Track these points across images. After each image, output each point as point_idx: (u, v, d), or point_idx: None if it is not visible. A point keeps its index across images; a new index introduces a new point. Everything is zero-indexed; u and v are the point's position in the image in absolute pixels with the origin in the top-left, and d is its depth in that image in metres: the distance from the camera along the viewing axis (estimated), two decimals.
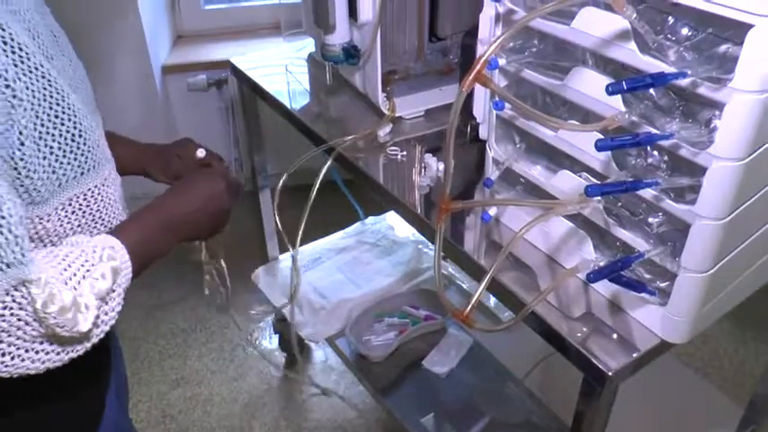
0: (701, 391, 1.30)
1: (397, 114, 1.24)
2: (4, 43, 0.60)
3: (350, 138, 1.17)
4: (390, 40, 1.18)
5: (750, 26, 0.60)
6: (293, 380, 1.83)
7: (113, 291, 0.67)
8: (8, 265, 0.57)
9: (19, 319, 0.58)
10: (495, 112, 0.95)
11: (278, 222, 1.24)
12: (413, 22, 1.21)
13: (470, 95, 1.12)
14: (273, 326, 1.89)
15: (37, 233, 0.68)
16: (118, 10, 1.89)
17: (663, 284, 0.81)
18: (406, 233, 1.82)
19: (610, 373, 0.79)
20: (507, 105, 0.90)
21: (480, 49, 0.97)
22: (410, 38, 1.23)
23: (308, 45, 1.49)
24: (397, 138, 1.22)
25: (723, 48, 0.66)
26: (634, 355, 0.81)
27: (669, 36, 0.69)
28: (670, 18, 0.70)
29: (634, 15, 0.66)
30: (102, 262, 0.66)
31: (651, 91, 0.73)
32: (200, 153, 0.95)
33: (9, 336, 0.58)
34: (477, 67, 0.65)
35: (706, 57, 0.67)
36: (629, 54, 0.72)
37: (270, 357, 1.90)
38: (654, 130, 0.72)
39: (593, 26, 0.75)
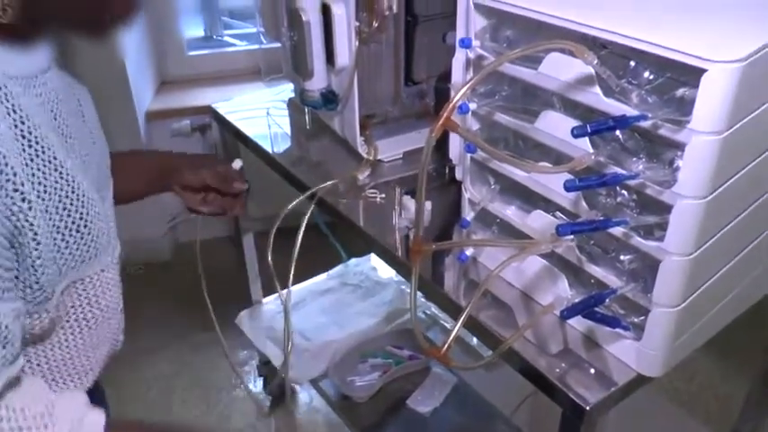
0: (685, 427, 1.31)
1: (375, 158, 1.26)
2: (23, 137, 0.59)
3: (330, 183, 1.19)
4: (367, 85, 1.21)
5: (704, 71, 0.63)
6: (279, 422, 1.81)
7: None
8: None
9: None
10: (468, 154, 0.97)
11: (270, 264, 1.24)
12: (389, 66, 1.24)
13: (446, 138, 1.15)
14: (258, 369, 1.88)
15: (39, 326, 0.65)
16: (103, 56, 1.91)
17: (637, 320, 0.82)
18: (388, 274, 1.83)
19: (587, 407, 0.80)
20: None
21: (452, 94, 1.00)
22: (386, 82, 1.26)
23: (288, 89, 1.52)
24: (376, 180, 1.24)
25: (681, 91, 0.68)
26: (612, 389, 0.82)
27: (631, 80, 0.72)
28: (631, 63, 0.72)
29: (596, 61, 0.69)
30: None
31: (617, 133, 0.75)
32: (237, 164, 1.01)
33: None
34: (446, 114, 0.68)
35: (666, 100, 0.69)
36: (594, 97, 0.74)
37: (255, 400, 1.88)
38: (620, 171, 0.74)
39: (559, 71, 0.77)
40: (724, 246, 0.76)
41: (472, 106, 0.89)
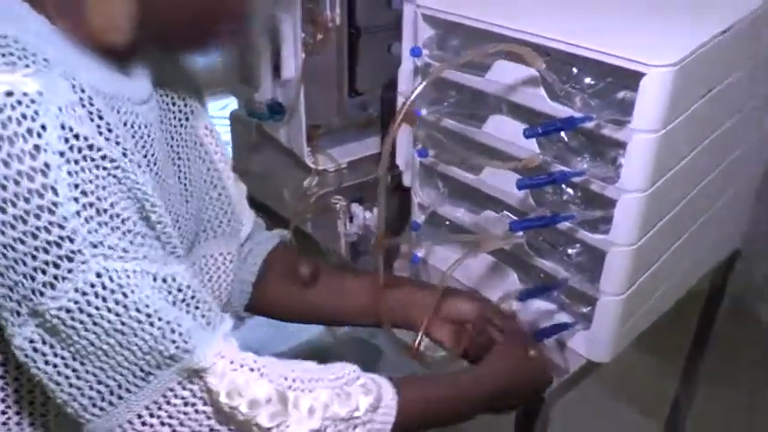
0: (625, 418, 1.39)
1: (321, 167, 1.28)
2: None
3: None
4: (313, 96, 1.23)
5: (642, 75, 0.69)
6: None
7: (354, 427, 0.59)
8: (171, 358, 0.53)
9: (203, 420, 0.54)
10: (418, 159, 1.00)
11: None
12: (333, 78, 1.26)
13: (393, 146, 1.18)
14: None
15: None
16: None
17: (585, 310, 0.88)
18: None
19: (543, 395, 0.84)
20: (431, 152, 0.96)
21: (399, 101, 1.03)
22: (331, 93, 1.28)
23: (230, 103, 1.52)
24: (322, 190, 1.26)
25: (621, 94, 0.74)
26: (564, 376, 0.86)
27: (574, 85, 0.78)
28: (574, 69, 0.78)
29: (544, 66, 0.74)
30: (355, 385, 0.60)
31: (562, 134, 0.80)
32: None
33: None
34: (404, 109, 0.71)
35: (607, 102, 0.75)
36: (540, 101, 0.79)
37: None
38: (567, 169, 0.79)
39: (506, 77, 0.82)
40: (664, 235, 0.83)
41: (423, 112, 0.92)
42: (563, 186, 0.84)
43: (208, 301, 0.57)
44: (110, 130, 0.54)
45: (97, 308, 0.50)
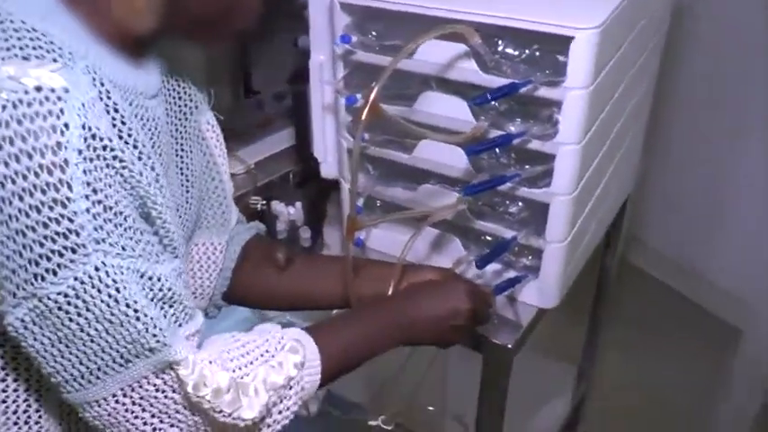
0: (544, 366, 1.53)
1: (231, 171, 1.26)
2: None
3: None
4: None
5: (572, 38, 0.78)
6: None
7: (290, 387, 0.66)
8: (151, 350, 0.57)
9: (170, 405, 0.59)
10: (345, 146, 1.03)
11: None
12: (228, 78, 1.26)
13: (305, 140, 1.20)
14: None
15: None
16: None
17: (530, 262, 0.96)
18: None
19: (510, 345, 0.92)
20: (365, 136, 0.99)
21: (328, 91, 1.06)
22: (227, 94, 1.28)
23: None
24: (237, 192, 1.24)
25: (548, 58, 0.82)
26: (522, 329, 0.94)
27: (503, 56, 0.85)
28: (499, 41, 0.85)
29: (480, 41, 0.80)
30: (282, 351, 0.66)
31: (494, 103, 0.88)
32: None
33: (167, 424, 0.59)
34: (372, 96, 0.74)
35: (535, 68, 0.83)
36: (474, 74, 0.86)
37: None
38: (510, 131, 0.86)
39: (435, 56, 0.88)
40: (592, 181, 0.93)
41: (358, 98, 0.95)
42: (497, 150, 0.92)
43: (184, 302, 0.61)
44: (123, 123, 0.57)
45: (92, 296, 0.54)
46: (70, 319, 0.54)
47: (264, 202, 1.21)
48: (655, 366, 2.05)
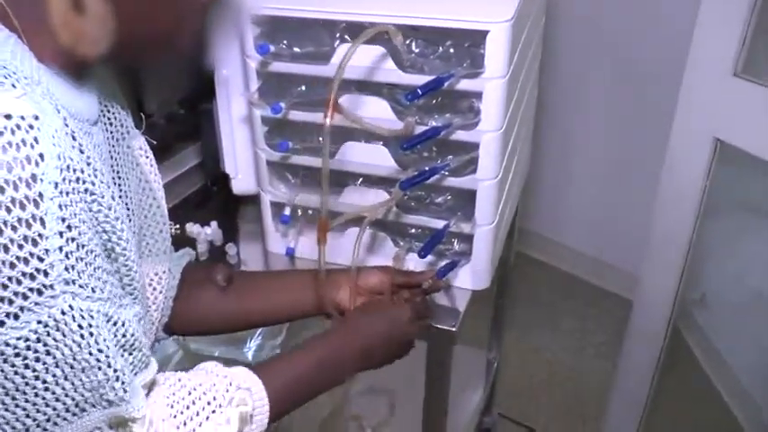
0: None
1: None
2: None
3: None
4: None
5: (487, 32, 0.85)
6: None
7: None
8: (109, 402, 0.54)
9: None
10: (264, 157, 1.05)
11: None
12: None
13: (216, 156, 1.20)
14: None
15: None
16: None
17: (459, 248, 1.03)
18: None
19: (454, 329, 0.97)
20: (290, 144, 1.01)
21: (238, 104, 1.07)
22: None
23: None
24: None
25: (462, 52, 0.90)
26: (461, 314, 1.00)
27: (420, 53, 0.91)
28: (413, 41, 0.92)
29: (403, 41, 0.86)
30: (230, 406, 0.64)
31: (417, 101, 0.93)
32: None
33: None
34: (332, 99, 0.77)
35: (451, 62, 0.90)
36: (394, 74, 0.91)
37: None
38: (437, 124, 0.92)
39: (356, 59, 0.92)
40: (508, 166, 1.02)
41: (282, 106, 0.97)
42: (418, 147, 0.97)
43: (143, 349, 0.59)
44: (82, 151, 0.53)
45: (55, 340, 0.50)
46: (26, 366, 0.50)
47: (177, 226, 1.19)
48: (553, 341, 2.23)
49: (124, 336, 0.56)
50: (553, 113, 2.30)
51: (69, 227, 0.50)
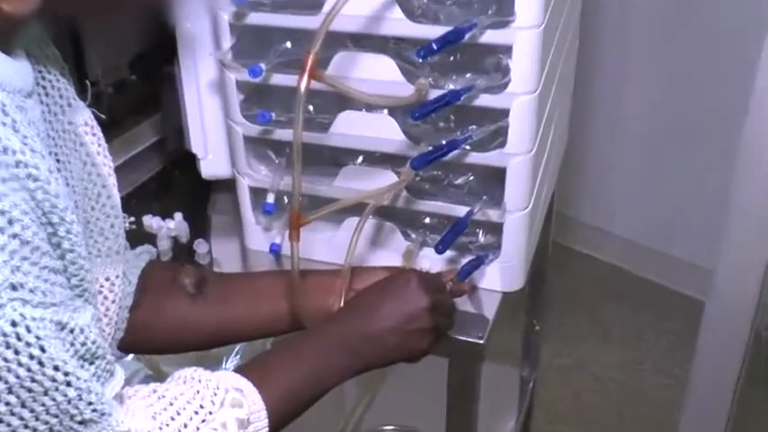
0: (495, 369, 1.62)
1: None
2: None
3: None
4: None
5: None
6: None
7: None
8: (83, 423, 0.55)
9: None
10: (241, 132, 1.05)
11: None
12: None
13: (179, 132, 1.21)
14: None
15: None
16: None
17: (485, 240, 1.04)
18: None
19: (480, 341, 0.98)
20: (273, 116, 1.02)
21: (207, 67, 1.08)
22: None
23: None
24: None
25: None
26: (489, 322, 1.02)
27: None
28: None
29: None
30: (223, 408, 0.66)
31: (429, 59, 0.94)
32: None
33: None
34: (310, 63, 0.78)
35: (475, 10, 0.91)
36: (400, 24, 0.92)
37: None
38: (442, 91, 0.93)
39: (353, 7, 0.92)
40: (544, 137, 1.03)
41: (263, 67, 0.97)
42: (432, 116, 0.98)
43: (106, 356, 0.60)
44: (16, 129, 0.54)
45: (6, 360, 0.50)
46: None
47: (132, 219, 1.20)
48: (601, 352, 2.26)
49: (84, 344, 0.56)
50: (597, 73, 2.30)
51: (11, 221, 0.50)
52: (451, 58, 0.95)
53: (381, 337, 0.82)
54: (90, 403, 0.55)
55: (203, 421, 0.65)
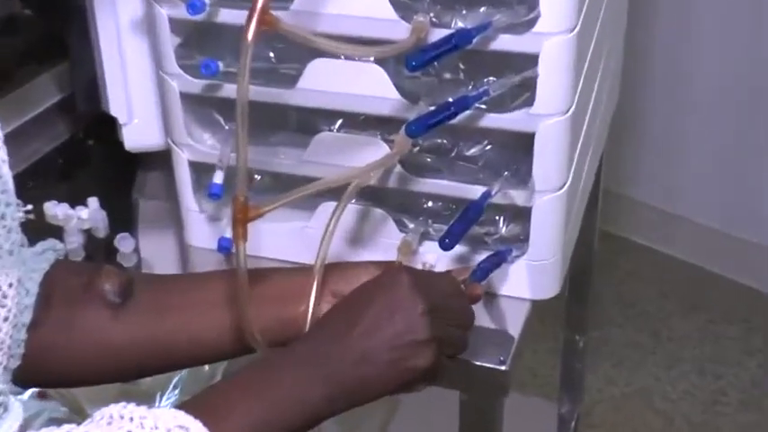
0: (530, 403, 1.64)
1: None
2: None
3: None
4: None
5: None
6: None
7: None
8: None
9: None
10: (177, 88, 1.06)
11: None
12: None
13: (92, 89, 1.21)
14: None
15: None
16: None
17: (509, 232, 1.06)
18: None
19: (503, 366, 1.00)
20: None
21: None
22: None
23: None
24: None
25: None
26: (514, 341, 1.03)
27: None
28: None
29: None
30: None
31: None
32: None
33: None
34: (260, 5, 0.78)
35: None
36: None
37: None
38: (447, 31, 0.94)
39: None
40: (587, 88, 1.04)
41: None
42: (435, 65, 0.99)
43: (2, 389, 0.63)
44: None
45: None
46: None
47: (30, 207, 1.21)
48: (667, 379, 2.28)
49: None
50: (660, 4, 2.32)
51: None
52: None
53: (368, 358, 0.82)
54: None
55: None
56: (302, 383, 0.81)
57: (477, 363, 1.00)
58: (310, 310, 0.90)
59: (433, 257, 1.05)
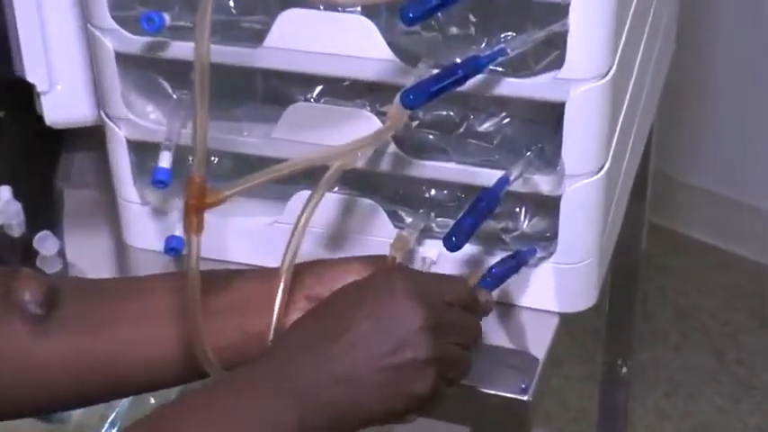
0: None
1: None
2: None
3: None
4: None
5: None
6: None
7: None
8: None
9: None
10: (110, 47, 1.06)
11: None
12: None
13: (7, 52, 1.22)
14: None
15: None
16: None
17: (536, 227, 1.07)
18: None
19: (525, 396, 1.02)
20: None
21: None
22: None
23: None
24: None
25: None
26: (538, 365, 1.05)
27: None
28: None
29: None
30: None
31: None
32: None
33: None
34: None
35: None
36: None
37: None
38: None
39: None
40: (631, 48, 1.05)
41: None
42: (438, 16, 1.00)
43: None
44: None
45: None
46: None
47: None
48: (736, 411, 2.28)
49: None
50: None
51: None
52: None
53: (350, 377, 0.83)
54: None
55: None
56: (266, 409, 0.82)
57: (492, 391, 1.01)
58: (274, 318, 0.91)
59: (435, 252, 1.07)
